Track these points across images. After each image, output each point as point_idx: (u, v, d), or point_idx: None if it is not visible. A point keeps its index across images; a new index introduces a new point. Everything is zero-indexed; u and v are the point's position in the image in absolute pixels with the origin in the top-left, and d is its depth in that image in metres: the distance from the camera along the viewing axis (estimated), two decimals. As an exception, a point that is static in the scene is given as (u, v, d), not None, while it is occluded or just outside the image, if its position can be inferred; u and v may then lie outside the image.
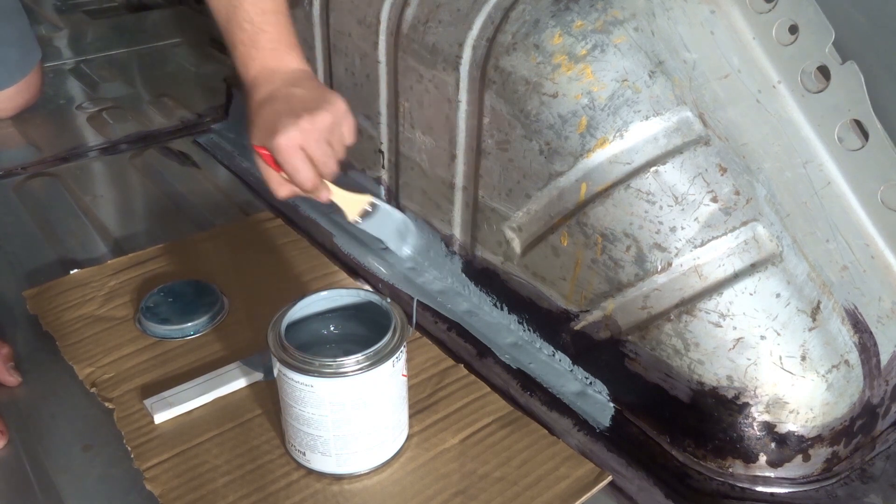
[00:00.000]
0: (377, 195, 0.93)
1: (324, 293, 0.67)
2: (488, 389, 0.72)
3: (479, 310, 0.83)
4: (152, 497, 0.62)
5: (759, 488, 0.64)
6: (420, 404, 0.70)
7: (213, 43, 1.54)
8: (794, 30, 0.67)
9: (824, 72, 0.66)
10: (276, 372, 0.61)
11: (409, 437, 0.67)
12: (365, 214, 0.73)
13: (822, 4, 0.64)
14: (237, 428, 0.68)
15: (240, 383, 0.72)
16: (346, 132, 0.71)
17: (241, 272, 0.88)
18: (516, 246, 0.76)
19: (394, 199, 0.92)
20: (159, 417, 0.68)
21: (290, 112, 0.69)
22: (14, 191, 1.06)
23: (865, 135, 0.66)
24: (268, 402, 0.70)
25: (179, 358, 0.76)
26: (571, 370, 0.75)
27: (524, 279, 0.77)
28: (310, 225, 0.99)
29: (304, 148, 0.68)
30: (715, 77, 0.68)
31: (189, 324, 0.78)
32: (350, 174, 0.98)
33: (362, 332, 0.65)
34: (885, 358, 0.66)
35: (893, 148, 0.65)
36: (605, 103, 0.66)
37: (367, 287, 0.88)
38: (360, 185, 0.97)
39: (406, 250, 0.79)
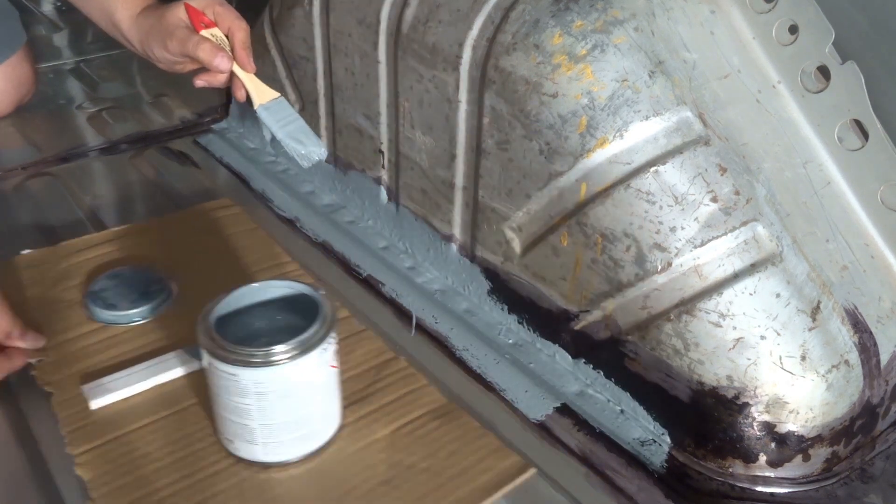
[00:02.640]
0: (375, 193, 0.94)
1: (256, 284, 0.67)
2: (426, 381, 0.72)
3: (479, 310, 0.83)
4: (152, 497, 0.62)
5: (759, 488, 0.64)
6: (355, 395, 0.70)
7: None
8: (794, 30, 0.67)
9: (824, 72, 0.66)
10: (204, 361, 0.62)
11: (340, 428, 0.67)
12: (271, 106, 0.77)
13: (822, 4, 0.64)
14: (172, 416, 0.68)
15: (179, 371, 0.72)
16: None
17: (193, 260, 0.87)
18: (516, 246, 0.76)
19: (394, 198, 0.92)
20: (95, 403, 0.68)
21: None
22: (14, 191, 1.06)
23: (865, 135, 0.66)
24: (205, 390, 0.69)
25: (123, 344, 0.75)
26: (571, 370, 0.75)
27: (524, 279, 0.77)
28: (311, 227, 0.99)
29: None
30: (715, 77, 0.68)
31: (135, 310, 0.78)
32: (350, 174, 0.98)
33: (297, 322, 0.65)
34: (885, 358, 0.66)
35: (893, 148, 0.65)
36: (605, 103, 0.66)
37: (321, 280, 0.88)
38: (361, 184, 0.97)
39: (301, 150, 0.79)
